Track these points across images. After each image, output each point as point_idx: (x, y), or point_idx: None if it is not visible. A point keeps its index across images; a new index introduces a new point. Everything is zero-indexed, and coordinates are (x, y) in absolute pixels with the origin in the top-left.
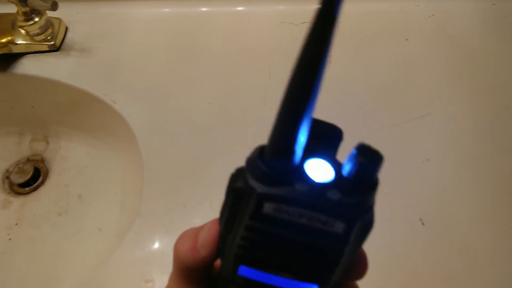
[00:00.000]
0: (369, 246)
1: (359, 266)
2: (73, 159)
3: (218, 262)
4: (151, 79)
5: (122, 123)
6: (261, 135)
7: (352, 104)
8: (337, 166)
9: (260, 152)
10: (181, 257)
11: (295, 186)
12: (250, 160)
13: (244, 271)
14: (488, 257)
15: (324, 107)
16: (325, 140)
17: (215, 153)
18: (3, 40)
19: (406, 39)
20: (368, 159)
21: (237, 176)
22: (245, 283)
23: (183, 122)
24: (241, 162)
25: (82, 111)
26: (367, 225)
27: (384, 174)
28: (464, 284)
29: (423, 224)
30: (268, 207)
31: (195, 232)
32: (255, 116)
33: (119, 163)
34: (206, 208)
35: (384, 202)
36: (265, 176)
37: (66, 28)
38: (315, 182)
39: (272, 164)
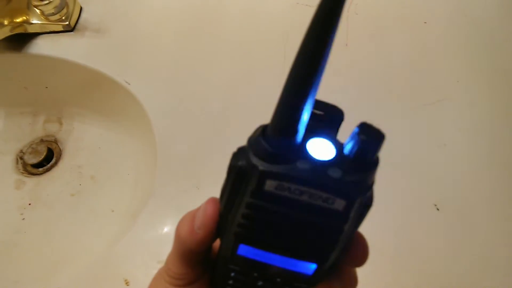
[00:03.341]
0: (383, 230)
1: (359, 252)
2: (86, 140)
3: (216, 244)
4: (166, 61)
5: (136, 104)
6: None
7: (369, 87)
8: (339, 146)
9: (262, 131)
10: (181, 239)
11: (297, 164)
12: (252, 139)
13: (243, 250)
14: (503, 243)
15: (341, 91)
16: (327, 120)
17: (229, 136)
18: (18, 20)
19: (425, 22)
20: (370, 137)
21: (239, 155)
22: (244, 262)
23: (197, 104)
24: None
25: (96, 92)
26: (366, 204)
27: (399, 158)
28: (479, 270)
29: (437, 209)
30: (270, 185)
31: (192, 214)
32: (269, 99)
33: (132, 145)
34: (219, 191)
35: (399, 187)
36: (268, 154)
37: (81, 8)
38: (316, 160)
39: (274, 142)
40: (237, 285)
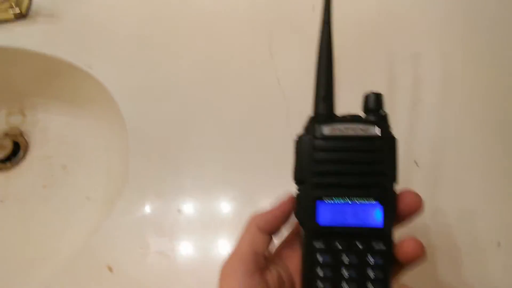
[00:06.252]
0: None
1: (411, 196)
2: (53, 130)
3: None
4: (127, 40)
5: (100, 88)
6: (247, 94)
7: (339, 47)
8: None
9: (310, 118)
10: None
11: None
12: (305, 126)
13: (321, 215)
14: (480, 194)
15: (308, 52)
16: None
17: (201, 115)
18: None
19: None
20: (373, 93)
21: (299, 138)
22: (325, 233)
23: (166, 84)
24: (228, 121)
25: (57, 80)
26: (392, 138)
27: None
28: (458, 224)
29: (417, 166)
30: (327, 129)
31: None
32: (239, 75)
33: (101, 131)
34: (195, 169)
35: None
36: (320, 118)
37: None
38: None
39: (322, 110)
40: (327, 274)
